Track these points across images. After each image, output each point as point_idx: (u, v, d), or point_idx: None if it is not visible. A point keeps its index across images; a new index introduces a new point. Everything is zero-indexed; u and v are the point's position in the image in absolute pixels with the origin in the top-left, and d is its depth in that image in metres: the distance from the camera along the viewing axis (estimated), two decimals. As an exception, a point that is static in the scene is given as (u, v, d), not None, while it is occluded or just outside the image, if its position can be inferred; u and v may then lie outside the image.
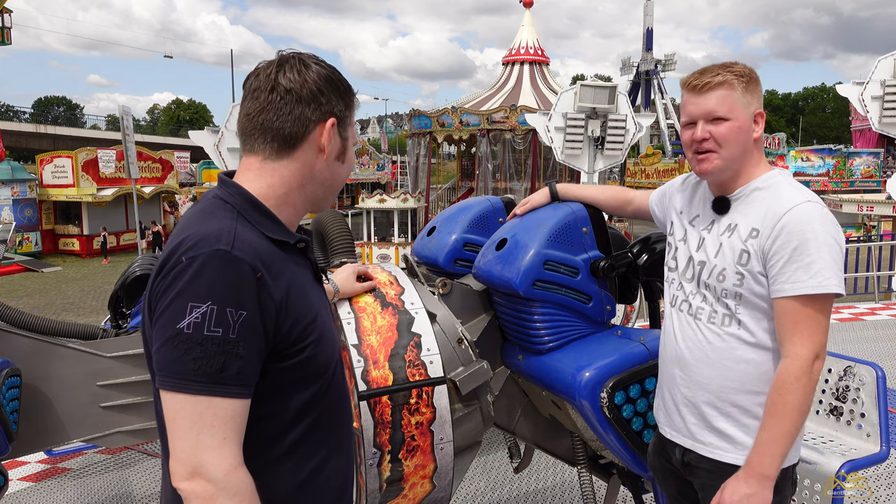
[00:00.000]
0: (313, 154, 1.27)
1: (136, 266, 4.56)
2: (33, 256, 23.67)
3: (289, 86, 1.23)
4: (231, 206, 1.22)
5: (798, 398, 1.55)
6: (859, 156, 30.44)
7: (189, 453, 1.08)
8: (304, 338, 1.21)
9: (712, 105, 1.67)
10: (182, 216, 1.28)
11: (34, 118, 59.70)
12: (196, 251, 1.10)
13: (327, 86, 1.26)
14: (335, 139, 1.28)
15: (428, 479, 2.11)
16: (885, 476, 3.75)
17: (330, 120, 1.26)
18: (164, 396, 1.11)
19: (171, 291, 1.09)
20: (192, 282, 1.08)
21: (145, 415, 3.07)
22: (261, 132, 1.24)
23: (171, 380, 1.09)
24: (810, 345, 1.56)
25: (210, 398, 1.08)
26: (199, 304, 1.07)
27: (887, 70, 9.25)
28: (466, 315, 2.33)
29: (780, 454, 1.58)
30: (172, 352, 1.08)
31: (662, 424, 1.88)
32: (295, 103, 1.23)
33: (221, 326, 1.08)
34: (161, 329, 1.10)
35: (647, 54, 45.15)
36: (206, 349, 1.07)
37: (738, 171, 1.71)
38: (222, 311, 1.08)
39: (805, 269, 1.55)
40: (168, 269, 1.11)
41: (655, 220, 2.08)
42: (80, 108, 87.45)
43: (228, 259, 1.10)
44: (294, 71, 1.24)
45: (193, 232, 1.14)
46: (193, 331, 1.07)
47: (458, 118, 24.34)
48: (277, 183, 1.26)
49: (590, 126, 11.28)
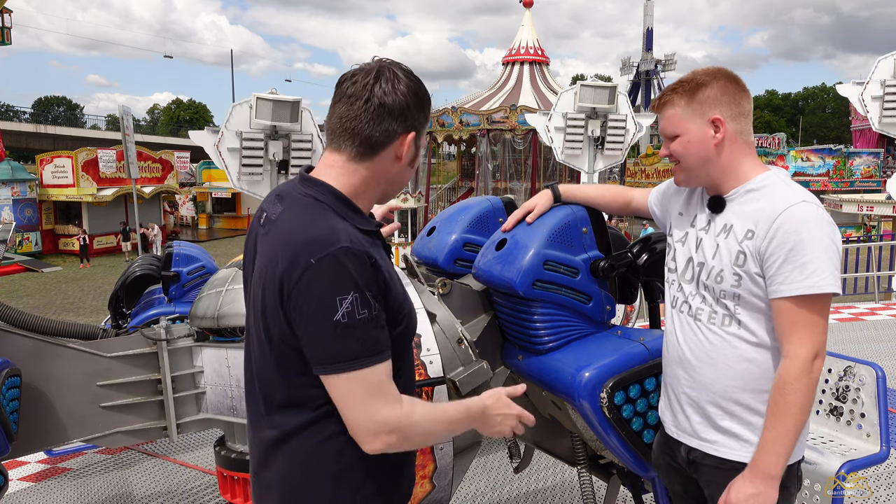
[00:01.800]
0: (391, 160, 1.40)
1: (136, 266, 4.56)
2: (33, 256, 23.69)
3: (383, 98, 1.34)
4: (326, 204, 1.35)
5: (799, 398, 1.56)
6: (859, 156, 30.46)
7: (370, 419, 1.28)
8: (401, 309, 1.39)
9: (663, 125, 1.77)
10: (279, 216, 1.37)
11: (34, 118, 59.71)
12: (322, 252, 1.25)
13: (414, 100, 1.38)
14: (411, 149, 1.42)
15: (428, 479, 2.11)
16: (885, 476, 3.75)
17: (411, 134, 1.40)
18: (332, 381, 1.28)
19: (314, 291, 1.24)
20: (330, 279, 1.24)
21: (145, 415, 3.08)
22: (350, 136, 1.37)
23: (341, 364, 1.26)
24: (809, 344, 1.57)
25: (376, 367, 1.28)
26: (345, 295, 1.24)
27: (887, 70, 9.25)
28: (466, 315, 2.33)
29: (785, 453, 1.59)
30: (336, 341, 1.25)
31: (668, 424, 1.89)
32: (386, 116, 1.35)
33: (367, 308, 1.26)
34: (315, 326, 1.25)
35: (647, 54, 45.17)
36: (363, 331, 1.26)
37: (712, 176, 1.74)
38: (363, 296, 1.26)
39: (801, 270, 1.55)
40: (300, 272, 1.25)
41: (655, 220, 2.08)
42: (81, 108, 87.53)
43: (352, 253, 1.26)
44: (389, 83, 1.35)
45: (308, 235, 1.28)
46: (349, 319, 1.24)
47: (458, 118, 24.35)
48: (357, 182, 1.39)
49: (590, 126, 11.26)
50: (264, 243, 1.36)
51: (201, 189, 34.82)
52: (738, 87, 1.72)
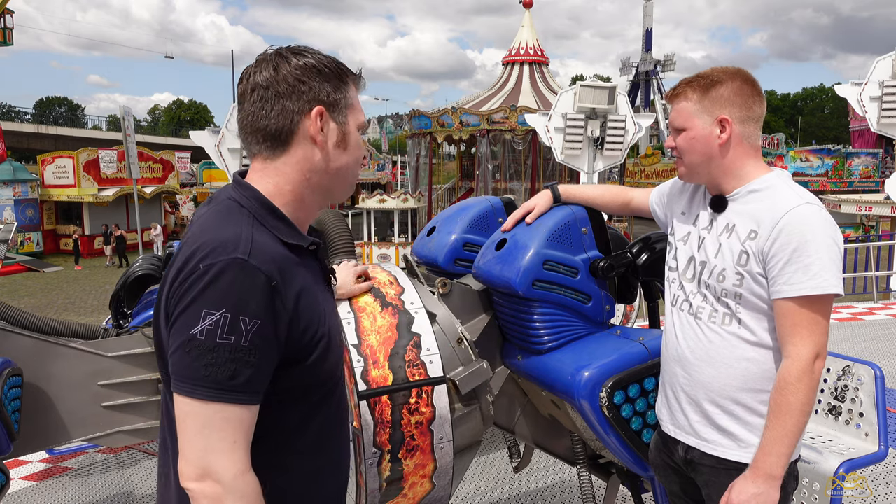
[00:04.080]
0: (308, 146, 1.25)
1: (136, 266, 4.57)
2: (35, 256, 23.70)
3: (265, 83, 1.22)
4: (247, 209, 1.21)
5: (800, 398, 1.57)
6: (858, 156, 30.47)
7: (199, 455, 1.10)
8: (313, 343, 1.21)
9: (673, 116, 1.78)
10: (196, 217, 1.26)
11: (35, 118, 59.69)
12: (213, 259, 1.10)
13: (307, 74, 1.23)
14: (329, 126, 1.26)
15: (428, 478, 2.12)
16: (884, 475, 3.75)
17: (316, 108, 1.23)
18: (176, 399, 1.12)
19: (187, 298, 1.10)
20: (207, 289, 1.09)
21: (146, 414, 3.08)
22: (252, 134, 1.25)
23: (183, 384, 1.10)
24: (811, 344, 1.58)
25: (219, 404, 1.09)
26: (213, 311, 1.08)
27: (886, 70, 9.26)
28: (466, 315, 2.33)
29: (786, 453, 1.60)
30: (185, 357, 1.10)
31: (665, 422, 1.89)
32: (274, 99, 1.22)
33: (234, 334, 1.09)
34: (176, 334, 1.11)
35: (646, 55, 45.19)
36: (217, 356, 1.08)
37: (714, 175, 1.74)
38: (236, 319, 1.09)
39: (804, 271, 1.56)
40: (185, 275, 1.12)
41: (656, 220, 2.09)
42: (82, 109, 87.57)
43: (245, 268, 1.11)
44: (270, 67, 1.23)
45: (210, 238, 1.14)
46: (206, 337, 1.08)
47: (458, 118, 24.34)
48: (282, 181, 1.25)
49: (589, 126, 11.27)
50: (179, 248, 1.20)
51: (202, 189, 34.82)
52: (753, 90, 1.71)
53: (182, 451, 1.12)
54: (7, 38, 22.33)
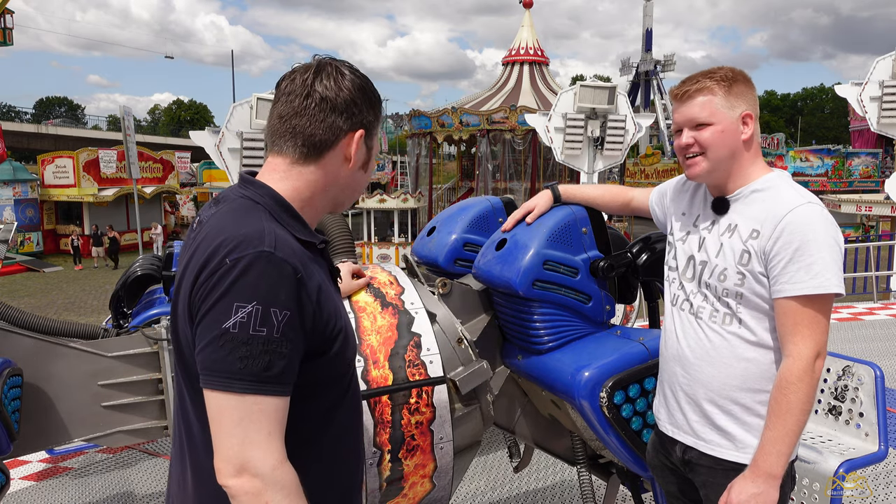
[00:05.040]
0: (339, 162, 1.28)
1: (136, 266, 4.57)
2: (35, 256, 23.70)
3: (325, 94, 1.24)
4: (262, 206, 1.23)
5: (801, 397, 1.58)
6: (858, 156, 30.49)
7: (236, 450, 1.09)
8: (334, 335, 1.24)
9: (694, 112, 1.71)
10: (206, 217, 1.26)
11: (35, 118, 59.69)
12: (240, 252, 1.11)
13: (361, 96, 1.27)
14: (361, 149, 1.31)
15: (428, 478, 2.12)
16: (884, 475, 3.75)
17: (359, 131, 1.28)
18: (208, 395, 1.12)
19: (216, 293, 1.10)
20: (236, 282, 1.10)
21: (146, 414, 3.09)
22: (291, 136, 1.26)
23: (217, 379, 1.10)
24: (811, 344, 1.58)
25: (256, 397, 1.10)
26: (244, 304, 1.09)
27: (885, 70, 9.26)
28: (466, 315, 2.34)
29: (786, 453, 1.60)
30: (218, 351, 1.09)
31: (663, 422, 1.89)
32: (329, 111, 1.25)
33: (266, 326, 1.09)
34: (206, 329, 1.11)
35: (646, 55, 45.20)
36: (251, 348, 1.09)
37: (729, 173, 1.74)
38: (267, 311, 1.10)
39: (806, 270, 1.57)
40: (211, 271, 1.12)
41: (655, 220, 2.09)
42: (82, 109, 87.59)
43: (272, 260, 1.12)
44: (331, 79, 1.25)
45: (232, 233, 1.14)
46: (239, 330, 1.08)
47: (458, 118, 24.34)
48: (303, 187, 1.27)
49: (589, 126, 11.26)
50: (193, 247, 1.21)
51: (202, 189, 34.86)
52: (754, 90, 1.75)
53: (218, 447, 1.11)
54: (7, 38, 22.33)
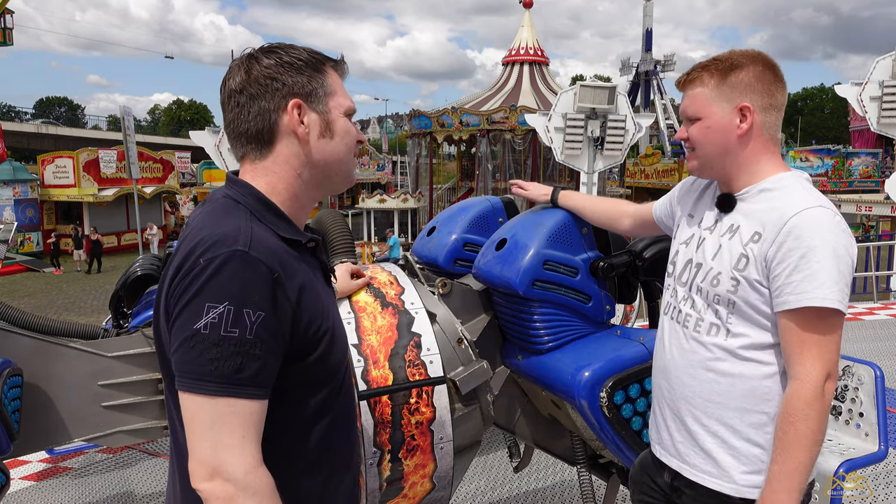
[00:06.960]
0: (293, 141, 1.24)
1: (136, 266, 4.56)
2: (34, 256, 23.70)
3: (238, 87, 1.22)
4: (243, 206, 1.20)
5: (811, 426, 1.40)
6: (858, 156, 30.48)
7: (209, 453, 1.07)
8: (318, 337, 1.20)
9: (686, 104, 1.62)
10: (192, 217, 1.25)
11: (35, 118, 59.68)
12: (213, 252, 1.09)
13: (278, 70, 1.22)
14: (309, 117, 1.24)
15: (428, 478, 2.12)
16: (884, 475, 3.75)
17: (292, 101, 1.22)
18: (182, 397, 1.10)
19: (189, 293, 1.08)
20: (208, 283, 1.07)
21: (146, 414, 3.08)
22: (236, 139, 1.25)
23: (188, 381, 1.08)
24: (820, 364, 1.41)
25: (228, 399, 1.07)
26: (215, 304, 1.06)
27: (886, 70, 9.27)
28: (466, 315, 2.34)
29: (798, 489, 1.41)
30: (189, 352, 1.07)
31: (653, 442, 1.76)
32: (247, 101, 1.22)
33: (238, 327, 1.07)
34: (178, 330, 1.09)
35: (646, 55, 45.18)
36: (222, 349, 1.06)
37: (729, 171, 1.59)
38: (239, 311, 1.07)
39: (812, 279, 1.40)
40: (185, 271, 1.10)
41: (663, 228, 1.94)
42: (82, 109, 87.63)
43: (246, 260, 1.09)
44: (242, 71, 1.23)
45: (208, 233, 1.12)
46: (210, 331, 1.06)
47: (458, 118, 24.37)
48: (273, 180, 1.25)
49: (589, 126, 11.28)
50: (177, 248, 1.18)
51: (202, 189, 34.82)
52: (775, 76, 1.57)
53: (192, 450, 1.09)
54: (7, 38, 22.34)
